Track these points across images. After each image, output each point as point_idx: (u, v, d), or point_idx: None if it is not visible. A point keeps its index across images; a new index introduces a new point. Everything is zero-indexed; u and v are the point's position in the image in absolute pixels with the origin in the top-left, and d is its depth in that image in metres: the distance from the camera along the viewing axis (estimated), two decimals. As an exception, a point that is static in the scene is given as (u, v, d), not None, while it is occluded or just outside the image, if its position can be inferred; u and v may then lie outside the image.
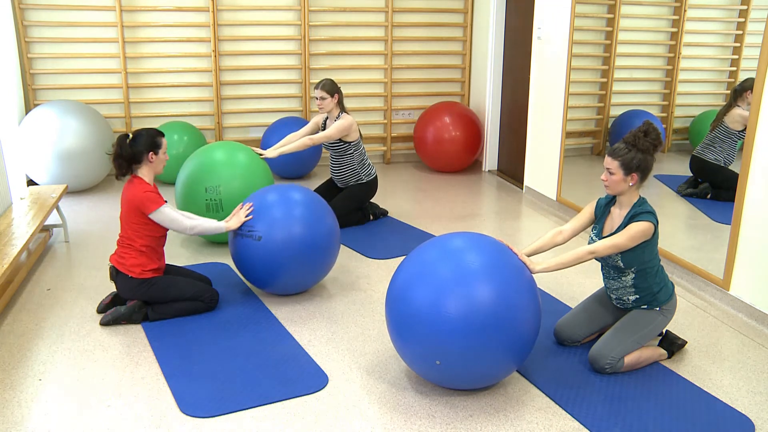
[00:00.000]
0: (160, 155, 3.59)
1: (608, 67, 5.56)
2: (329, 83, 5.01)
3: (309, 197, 3.88)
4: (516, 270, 2.83)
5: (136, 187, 3.53)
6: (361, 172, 5.18)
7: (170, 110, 6.65)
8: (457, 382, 2.89)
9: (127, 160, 3.55)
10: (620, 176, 3.00)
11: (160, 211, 3.53)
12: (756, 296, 3.66)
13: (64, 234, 4.85)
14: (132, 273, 3.56)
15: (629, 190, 3.04)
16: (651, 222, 2.98)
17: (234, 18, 6.62)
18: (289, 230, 3.68)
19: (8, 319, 3.64)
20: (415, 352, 2.82)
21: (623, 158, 2.99)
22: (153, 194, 3.54)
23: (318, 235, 3.75)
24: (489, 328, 2.67)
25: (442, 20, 7.13)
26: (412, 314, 2.76)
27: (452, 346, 2.69)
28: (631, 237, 2.97)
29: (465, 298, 2.69)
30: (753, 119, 3.58)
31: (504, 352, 2.77)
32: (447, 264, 2.79)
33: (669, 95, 5.30)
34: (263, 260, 3.68)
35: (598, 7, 5.53)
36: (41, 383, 3.03)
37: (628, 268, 3.06)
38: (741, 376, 3.14)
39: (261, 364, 3.19)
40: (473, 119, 6.80)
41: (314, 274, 3.88)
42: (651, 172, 3.04)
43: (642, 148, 2.97)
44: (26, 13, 6.18)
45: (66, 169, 5.75)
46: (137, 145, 3.53)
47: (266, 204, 3.76)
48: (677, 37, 5.15)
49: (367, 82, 7.06)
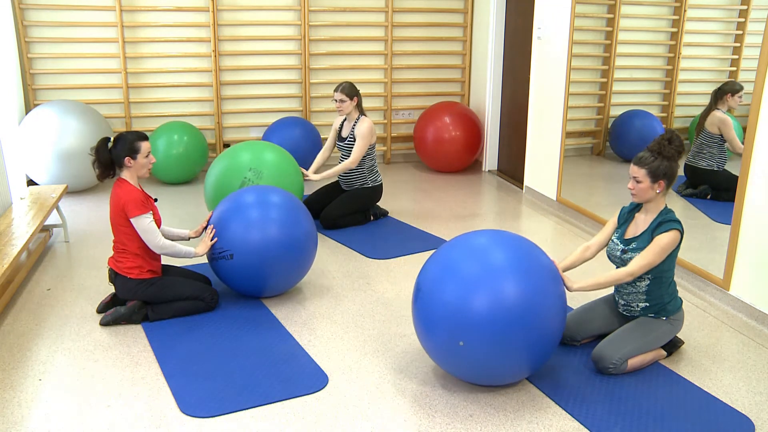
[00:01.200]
0: (139, 159, 3.54)
1: (608, 67, 5.56)
2: (348, 86, 5.08)
3: (263, 199, 3.79)
4: (547, 271, 2.86)
5: (122, 189, 3.51)
6: (368, 177, 5.21)
7: (170, 110, 6.65)
8: (475, 373, 2.89)
9: (105, 166, 3.55)
10: (647, 184, 3.05)
11: (140, 219, 3.48)
12: (756, 296, 3.66)
13: (64, 234, 4.85)
14: (130, 274, 3.56)
15: (656, 197, 3.10)
16: (678, 230, 3.03)
17: (234, 18, 6.62)
18: (258, 239, 3.64)
19: (8, 319, 3.64)
20: (439, 339, 2.83)
21: (650, 166, 3.04)
22: (138, 200, 3.50)
23: (290, 235, 3.71)
24: (515, 324, 2.71)
25: (442, 20, 7.13)
26: (440, 306, 2.79)
27: (479, 337, 2.72)
28: (663, 250, 3.02)
29: (494, 294, 2.72)
30: (753, 119, 3.58)
31: (527, 350, 2.79)
32: (476, 260, 2.82)
33: (669, 95, 5.30)
34: (244, 274, 3.68)
35: (598, 7, 5.53)
36: (41, 383, 3.03)
37: (645, 273, 3.09)
38: (741, 376, 3.14)
39: (261, 364, 3.19)
40: (473, 119, 6.80)
41: (299, 270, 3.86)
42: (675, 179, 3.11)
43: (667, 155, 3.02)
44: (26, 13, 6.18)
45: (66, 169, 5.75)
46: (116, 149, 3.52)
47: (226, 220, 3.71)
48: (677, 37, 5.15)
49: (367, 82, 7.06)
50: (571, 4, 5.22)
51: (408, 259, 4.56)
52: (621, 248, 3.18)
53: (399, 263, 4.48)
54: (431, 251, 4.68)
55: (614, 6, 5.43)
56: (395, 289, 4.08)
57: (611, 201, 5.34)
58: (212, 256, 3.72)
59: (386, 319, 3.67)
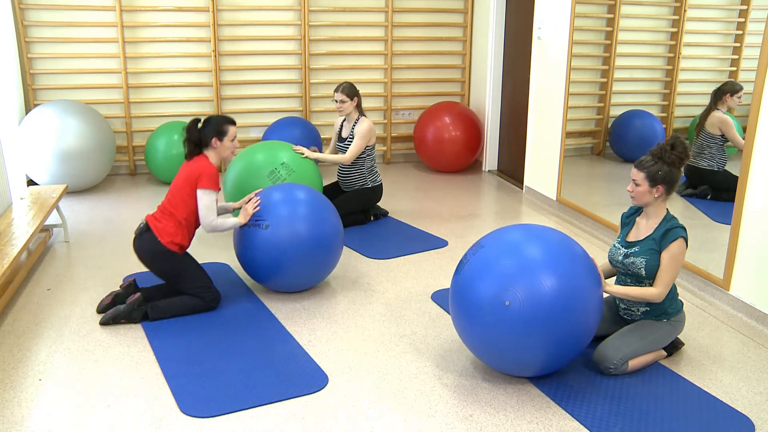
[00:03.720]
0: (225, 142, 3.73)
1: (608, 67, 5.56)
2: (348, 86, 5.08)
3: (314, 196, 3.92)
4: (587, 268, 2.92)
5: (202, 162, 3.66)
6: (368, 178, 5.21)
7: (170, 110, 6.65)
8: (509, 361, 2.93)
9: (195, 144, 3.69)
10: (645, 188, 3.06)
11: (208, 192, 3.60)
12: (756, 296, 3.66)
13: (64, 234, 4.85)
14: (162, 238, 3.60)
15: (655, 202, 3.09)
16: (683, 237, 3.05)
17: (234, 18, 6.62)
18: (294, 226, 3.74)
19: (8, 319, 3.64)
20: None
21: (649, 170, 3.04)
22: (215, 176, 3.64)
23: (323, 233, 3.81)
24: (553, 317, 2.77)
25: (442, 20, 7.13)
26: (478, 300, 2.85)
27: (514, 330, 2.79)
28: (677, 261, 3.04)
29: (535, 288, 2.77)
30: (753, 119, 3.58)
31: (557, 345, 2.85)
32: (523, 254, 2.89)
33: (669, 95, 5.30)
34: (268, 252, 3.71)
35: (598, 7, 5.53)
36: (41, 383, 3.03)
37: (648, 278, 3.09)
38: (741, 376, 3.14)
39: (261, 364, 3.19)
40: (473, 119, 6.80)
41: (317, 273, 3.91)
42: (677, 185, 3.10)
43: (668, 161, 3.02)
44: (26, 13, 6.18)
45: (66, 169, 5.75)
46: (204, 130, 3.70)
47: (273, 200, 3.81)
48: (677, 37, 5.15)
49: (367, 82, 7.06)
50: (571, 4, 5.22)
51: (408, 259, 4.56)
52: (623, 252, 3.17)
53: (399, 263, 4.48)
54: (431, 251, 4.69)
55: (614, 6, 5.43)
56: (395, 289, 4.08)
57: (611, 201, 5.34)
58: (249, 223, 3.76)
59: (386, 319, 3.67)
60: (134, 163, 6.72)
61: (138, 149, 6.69)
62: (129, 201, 5.88)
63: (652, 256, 3.06)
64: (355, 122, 5.13)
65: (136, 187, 6.33)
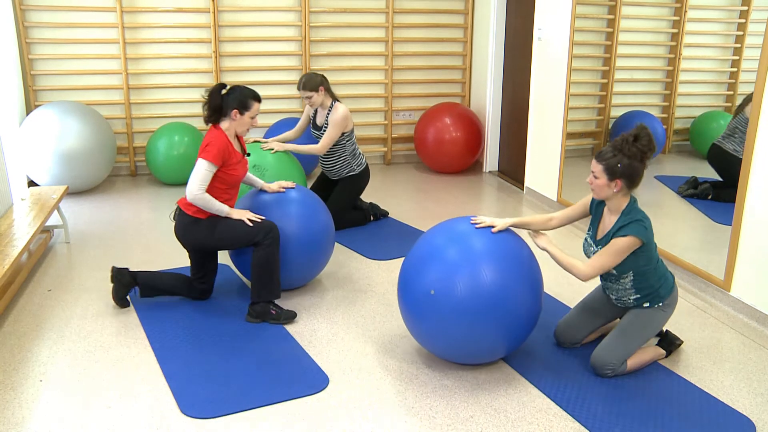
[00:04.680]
0: (245, 117, 3.61)
1: (609, 68, 5.56)
2: (307, 80, 4.82)
3: (303, 194, 3.96)
4: (520, 258, 3.01)
5: (213, 134, 3.55)
6: (353, 163, 5.08)
7: (171, 111, 6.65)
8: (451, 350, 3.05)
9: (214, 110, 3.57)
10: (604, 181, 2.91)
11: (205, 163, 3.47)
12: (757, 297, 3.66)
13: (65, 235, 4.86)
14: (187, 210, 3.57)
15: (614, 196, 2.95)
16: (635, 236, 2.88)
17: (235, 19, 6.62)
18: (287, 226, 3.74)
19: (9, 320, 3.64)
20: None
21: (608, 162, 2.88)
22: (219, 150, 3.49)
23: (313, 231, 3.85)
24: (490, 306, 2.87)
25: (443, 21, 7.13)
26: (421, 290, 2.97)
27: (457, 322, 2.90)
28: (617, 254, 2.90)
29: (471, 279, 2.87)
30: (753, 120, 3.58)
31: (500, 330, 2.94)
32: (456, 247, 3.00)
33: (669, 96, 5.30)
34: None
35: (598, 8, 5.53)
36: (42, 384, 3.03)
37: (623, 274, 3.02)
38: (742, 377, 3.14)
39: (261, 364, 3.19)
40: (474, 120, 6.80)
41: (312, 268, 3.96)
42: (640, 179, 2.91)
43: (628, 153, 2.85)
44: (27, 15, 6.18)
45: (67, 170, 5.75)
46: (228, 97, 3.57)
47: (263, 202, 3.83)
48: (678, 38, 5.15)
49: (367, 83, 7.07)
50: (572, 5, 5.22)
51: (408, 260, 4.56)
52: (593, 250, 3.10)
53: (399, 264, 4.48)
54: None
55: (614, 7, 5.43)
56: (395, 290, 4.07)
57: (612, 202, 5.33)
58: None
59: (387, 320, 3.67)
60: (135, 164, 6.72)
61: (139, 150, 6.69)
62: (130, 202, 5.88)
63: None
64: (329, 110, 4.91)
65: (137, 188, 6.34)
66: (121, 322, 3.63)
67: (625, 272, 3.01)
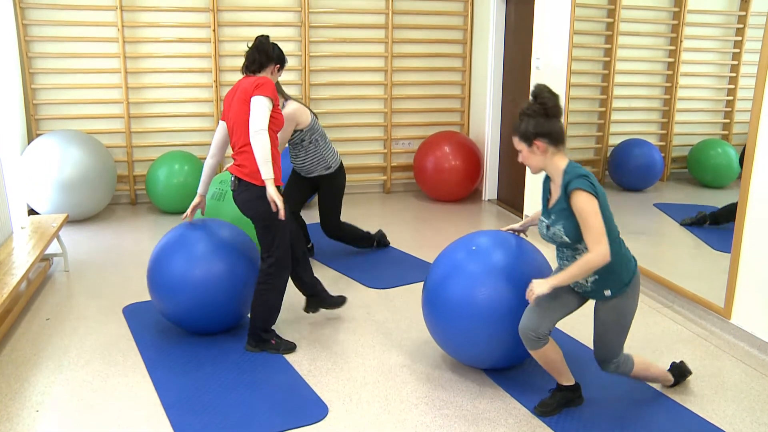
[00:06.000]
0: (278, 74, 3.66)
1: (606, 97, 5.60)
2: None
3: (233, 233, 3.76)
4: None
5: (260, 78, 3.40)
6: (321, 165, 4.77)
7: (171, 140, 6.69)
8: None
9: (267, 56, 3.52)
10: (526, 150, 2.81)
11: (262, 99, 3.28)
12: (757, 325, 3.64)
13: (65, 263, 4.85)
14: (256, 181, 3.33)
15: (546, 160, 2.81)
16: (582, 188, 2.70)
17: (236, 49, 6.69)
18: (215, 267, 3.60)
19: (7, 349, 3.62)
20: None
21: (518, 130, 2.80)
22: (272, 86, 3.35)
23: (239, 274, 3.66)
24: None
25: (442, 50, 7.20)
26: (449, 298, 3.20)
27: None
28: (589, 214, 2.68)
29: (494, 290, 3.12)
30: (750, 146, 3.60)
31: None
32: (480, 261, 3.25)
33: (667, 124, 5.34)
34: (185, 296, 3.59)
35: (595, 38, 5.59)
36: (39, 414, 3.01)
37: (576, 242, 2.81)
38: (745, 406, 3.12)
39: (260, 394, 3.17)
40: (473, 149, 6.84)
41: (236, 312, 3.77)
42: (562, 134, 2.79)
43: (530, 113, 2.76)
44: (31, 45, 6.25)
45: (67, 199, 5.77)
46: (275, 51, 3.58)
47: (188, 237, 3.68)
48: (674, 67, 5.21)
49: (367, 112, 7.12)
50: (569, 35, 5.28)
51: (408, 288, 4.55)
52: (545, 224, 2.91)
53: (399, 293, 4.47)
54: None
55: (611, 37, 5.49)
56: (395, 318, 4.06)
57: (611, 229, 5.34)
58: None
59: (386, 349, 3.66)
60: (135, 193, 6.74)
61: (139, 179, 6.71)
62: (129, 230, 5.88)
63: (567, 219, 2.77)
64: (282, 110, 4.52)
65: (137, 216, 6.35)
66: (120, 350, 3.61)
67: (577, 240, 2.80)
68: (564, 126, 2.87)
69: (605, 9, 5.50)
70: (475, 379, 3.32)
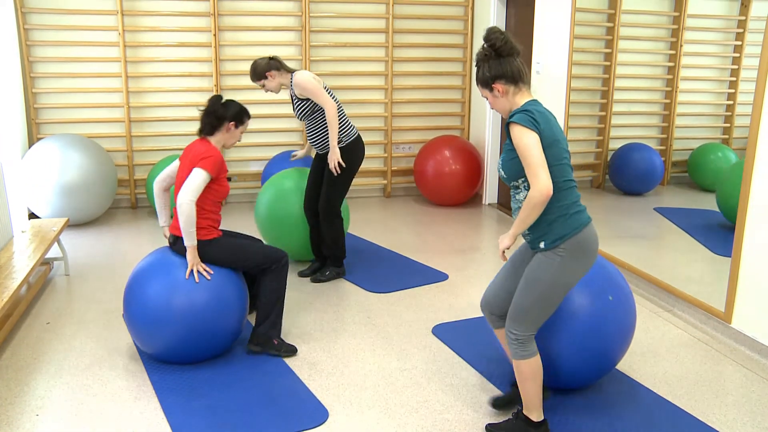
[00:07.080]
0: (238, 131, 3.62)
1: (607, 101, 5.61)
2: (253, 70, 4.49)
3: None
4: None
5: (206, 146, 3.48)
6: (341, 130, 4.56)
7: (172, 144, 6.69)
8: None
9: (217, 118, 3.53)
10: (489, 95, 2.70)
11: (201, 172, 3.37)
12: (758, 329, 3.64)
13: (65, 267, 4.85)
14: (199, 235, 3.43)
15: (509, 102, 2.69)
16: (517, 122, 2.56)
17: (236, 53, 6.70)
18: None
19: (7, 353, 3.62)
20: None
21: (477, 78, 2.70)
22: (219, 162, 3.45)
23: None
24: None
25: (442, 55, 7.21)
26: None
27: None
28: (525, 147, 2.52)
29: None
30: (750, 152, 3.60)
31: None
32: None
33: (667, 128, 5.34)
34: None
35: (596, 42, 5.60)
36: (38, 418, 3.00)
37: (513, 178, 2.66)
38: (746, 410, 3.11)
39: (260, 398, 3.16)
40: (473, 153, 6.84)
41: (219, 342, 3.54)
42: (519, 71, 2.66)
43: (484, 57, 2.65)
44: (32, 50, 6.26)
45: (68, 203, 5.77)
46: (228, 109, 3.57)
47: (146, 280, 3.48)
48: (675, 71, 5.21)
49: (367, 117, 7.12)
50: (570, 39, 5.29)
51: (409, 293, 4.55)
52: (499, 162, 2.73)
53: (400, 297, 4.47)
54: (432, 285, 4.68)
55: (612, 41, 5.50)
56: (396, 323, 4.06)
57: (611, 234, 5.34)
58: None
59: (387, 354, 3.65)
60: (135, 197, 6.74)
61: (139, 182, 6.72)
62: (130, 234, 5.89)
63: (507, 153, 2.64)
64: (291, 84, 4.49)
65: (137, 220, 6.35)
66: (120, 355, 3.61)
67: (514, 176, 2.66)
68: (524, 68, 2.69)
69: (605, 13, 5.51)
70: (476, 383, 3.32)
